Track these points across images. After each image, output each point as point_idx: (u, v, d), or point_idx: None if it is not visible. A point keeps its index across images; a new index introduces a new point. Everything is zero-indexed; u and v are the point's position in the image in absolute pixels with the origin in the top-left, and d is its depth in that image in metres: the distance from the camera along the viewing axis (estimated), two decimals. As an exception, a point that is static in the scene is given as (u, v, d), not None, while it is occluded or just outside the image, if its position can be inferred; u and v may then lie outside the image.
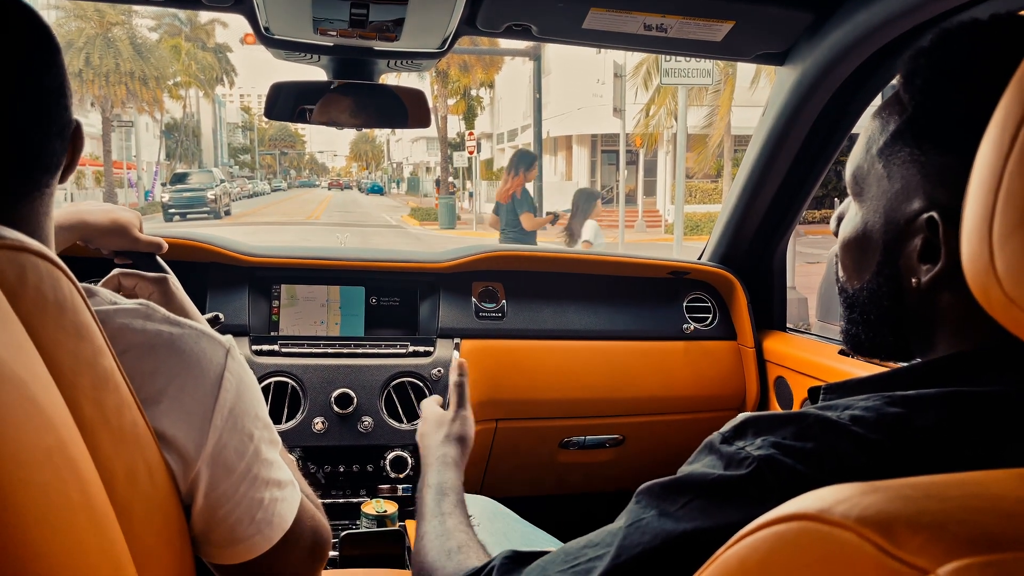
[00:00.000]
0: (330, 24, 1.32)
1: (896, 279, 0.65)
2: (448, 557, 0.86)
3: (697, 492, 0.57)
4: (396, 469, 1.74)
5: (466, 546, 0.89)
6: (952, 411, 0.55)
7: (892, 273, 0.65)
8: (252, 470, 0.75)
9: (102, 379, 0.62)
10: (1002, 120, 0.41)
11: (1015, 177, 0.40)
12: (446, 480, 1.04)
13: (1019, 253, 0.39)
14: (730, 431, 0.60)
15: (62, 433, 0.53)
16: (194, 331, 0.74)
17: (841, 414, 0.56)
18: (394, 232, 21.06)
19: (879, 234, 0.66)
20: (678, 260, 2.10)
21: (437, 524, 0.93)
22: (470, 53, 24.68)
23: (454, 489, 1.03)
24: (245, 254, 1.81)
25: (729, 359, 2.01)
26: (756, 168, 1.77)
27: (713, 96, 18.25)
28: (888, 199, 0.65)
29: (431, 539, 0.91)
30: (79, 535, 0.53)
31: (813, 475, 0.53)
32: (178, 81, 38.15)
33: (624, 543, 0.59)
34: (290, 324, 1.84)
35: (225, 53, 41.32)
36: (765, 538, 0.41)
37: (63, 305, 0.59)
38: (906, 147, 0.63)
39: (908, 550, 0.34)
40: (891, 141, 0.65)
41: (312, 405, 1.73)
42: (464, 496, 1.04)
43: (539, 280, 1.99)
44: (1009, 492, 0.38)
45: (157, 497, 0.67)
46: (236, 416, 0.74)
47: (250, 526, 0.76)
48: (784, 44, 1.49)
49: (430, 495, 1.01)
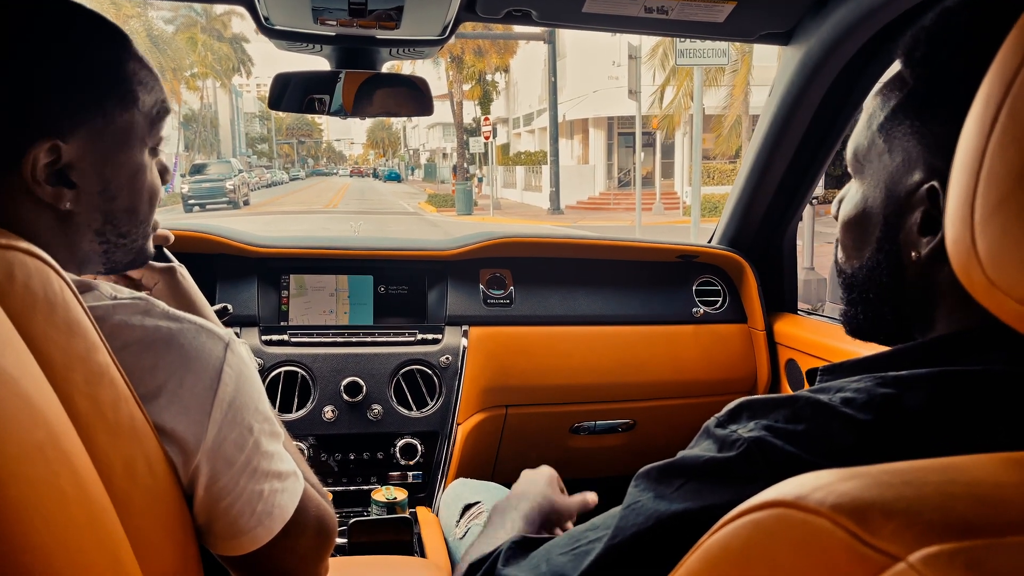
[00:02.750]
0: (330, 14, 1.32)
1: (896, 254, 0.64)
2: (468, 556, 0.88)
3: (690, 474, 0.58)
4: (406, 456, 1.76)
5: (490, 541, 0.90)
6: (942, 391, 0.55)
7: (892, 248, 0.65)
8: (252, 463, 0.76)
9: (96, 374, 0.62)
10: (983, 101, 0.40)
11: (995, 159, 0.39)
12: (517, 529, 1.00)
13: (999, 235, 0.39)
14: (725, 415, 0.61)
15: (54, 427, 0.54)
16: (193, 326, 0.74)
17: (832, 396, 0.56)
18: (412, 219, 21.08)
19: (879, 208, 0.65)
20: (687, 244, 2.08)
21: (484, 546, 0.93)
22: (484, 38, 24.59)
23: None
24: (253, 245, 1.82)
25: (740, 342, 2.00)
26: (763, 150, 1.76)
27: (732, 76, 18.05)
28: (889, 173, 0.64)
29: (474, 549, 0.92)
30: (74, 527, 0.54)
31: (803, 456, 0.54)
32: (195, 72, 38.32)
33: (620, 524, 0.60)
34: (299, 314, 1.85)
35: (241, 43, 41.45)
36: (745, 525, 0.42)
37: (53, 302, 0.59)
38: (907, 120, 0.63)
39: (880, 537, 0.34)
40: (892, 116, 0.64)
41: (322, 394, 1.75)
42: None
43: (547, 266, 1.99)
44: (987, 477, 0.38)
45: (157, 489, 0.68)
46: (235, 410, 0.74)
47: (251, 518, 0.77)
48: (788, 23, 1.47)
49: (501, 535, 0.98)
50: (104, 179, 0.76)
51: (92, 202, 0.76)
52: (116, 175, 0.77)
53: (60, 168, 0.72)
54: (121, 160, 0.77)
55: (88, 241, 0.78)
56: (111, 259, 0.81)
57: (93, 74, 0.73)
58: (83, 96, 0.73)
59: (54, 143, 0.71)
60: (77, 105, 0.72)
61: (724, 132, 18.70)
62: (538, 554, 0.68)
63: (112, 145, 0.76)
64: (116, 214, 0.79)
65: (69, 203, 0.73)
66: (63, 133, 0.72)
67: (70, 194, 0.73)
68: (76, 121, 0.72)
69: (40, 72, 0.70)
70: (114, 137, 0.76)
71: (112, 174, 0.77)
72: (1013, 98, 0.38)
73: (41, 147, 0.70)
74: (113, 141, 0.76)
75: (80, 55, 0.73)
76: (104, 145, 0.75)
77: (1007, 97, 0.39)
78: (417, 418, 1.78)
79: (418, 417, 1.78)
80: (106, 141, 0.75)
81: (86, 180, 0.75)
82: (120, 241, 0.81)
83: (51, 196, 0.72)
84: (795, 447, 0.54)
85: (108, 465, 0.62)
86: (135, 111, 0.77)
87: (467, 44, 26.14)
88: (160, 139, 0.83)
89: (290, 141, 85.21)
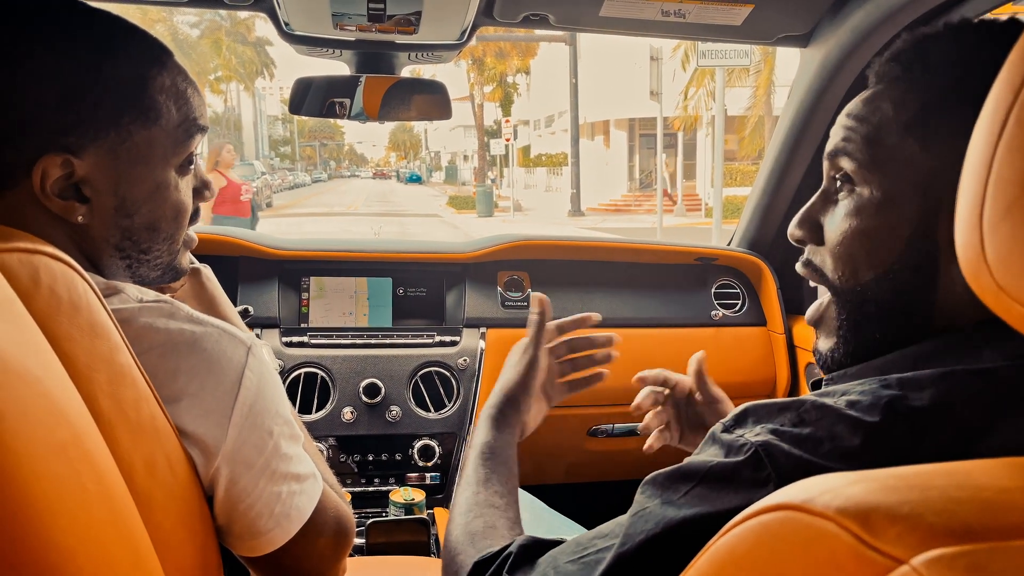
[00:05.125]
0: (348, 19, 1.34)
1: (933, 254, 0.62)
2: (471, 541, 0.84)
3: (698, 479, 0.58)
4: (424, 458, 1.77)
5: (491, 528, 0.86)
6: (946, 389, 0.55)
7: (929, 248, 0.63)
8: (271, 466, 0.77)
9: (119, 375, 0.64)
10: (992, 107, 0.40)
11: (1004, 165, 0.39)
12: (486, 441, 0.96)
13: (1007, 241, 0.39)
14: (730, 420, 0.61)
15: (77, 427, 0.55)
16: (216, 330, 0.75)
17: (838, 399, 0.56)
18: (433, 221, 21.16)
19: (915, 202, 0.63)
20: (706, 246, 2.08)
21: (470, 496, 0.89)
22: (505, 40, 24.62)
23: (493, 451, 0.95)
24: (274, 247, 1.85)
25: (759, 345, 1.99)
26: (783, 152, 1.75)
27: (755, 77, 17.94)
28: (926, 170, 0.62)
29: (460, 512, 0.88)
30: (97, 525, 0.55)
31: (810, 458, 0.54)
32: (219, 76, 38.75)
33: (629, 532, 0.60)
34: (319, 316, 1.87)
35: (264, 47, 41.81)
36: (752, 528, 0.42)
37: (77, 304, 0.61)
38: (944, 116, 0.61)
39: (884, 540, 0.34)
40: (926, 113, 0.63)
41: (341, 395, 1.76)
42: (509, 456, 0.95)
43: (564, 268, 2.00)
44: (992, 482, 0.38)
45: (178, 488, 0.70)
46: (256, 414, 0.75)
47: (269, 520, 0.78)
48: (806, 26, 1.47)
49: (470, 458, 0.95)
50: (119, 196, 0.76)
51: (108, 217, 0.76)
52: (133, 192, 0.76)
53: (75, 182, 0.72)
54: (139, 177, 0.76)
55: (108, 256, 0.78)
56: (136, 273, 0.81)
57: (112, 91, 0.73)
58: (99, 112, 0.72)
59: (66, 158, 0.71)
60: (92, 121, 0.72)
61: (747, 133, 18.59)
62: (544, 561, 0.68)
63: (128, 162, 0.75)
64: (135, 231, 0.78)
65: (82, 217, 0.73)
66: (76, 148, 0.71)
67: (83, 208, 0.73)
68: (90, 137, 0.72)
69: (55, 86, 0.70)
70: (130, 154, 0.75)
71: (128, 191, 0.76)
72: (1021, 104, 0.38)
73: (52, 161, 0.70)
74: (129, 158, 0.75)
75: (99, 70, 0.72)
76: (120, 162, 0.75)
77: (1015, 103, 0.39)
78: (435, 419, 1.79)
79: (436, 419, 1.79)
80: (121, 158, 0.75)
81: (101, 196, 0.74)
82: (142, 257, 0.80)
83: (61, 209, 0.72)
84: (801, 450, 0.54)
85: (130, 464, 0.63)
86: (156, 128, 0.76)
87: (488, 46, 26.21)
88: (190, 155, 0.81)
89: (312, 144, 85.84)
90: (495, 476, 0.92)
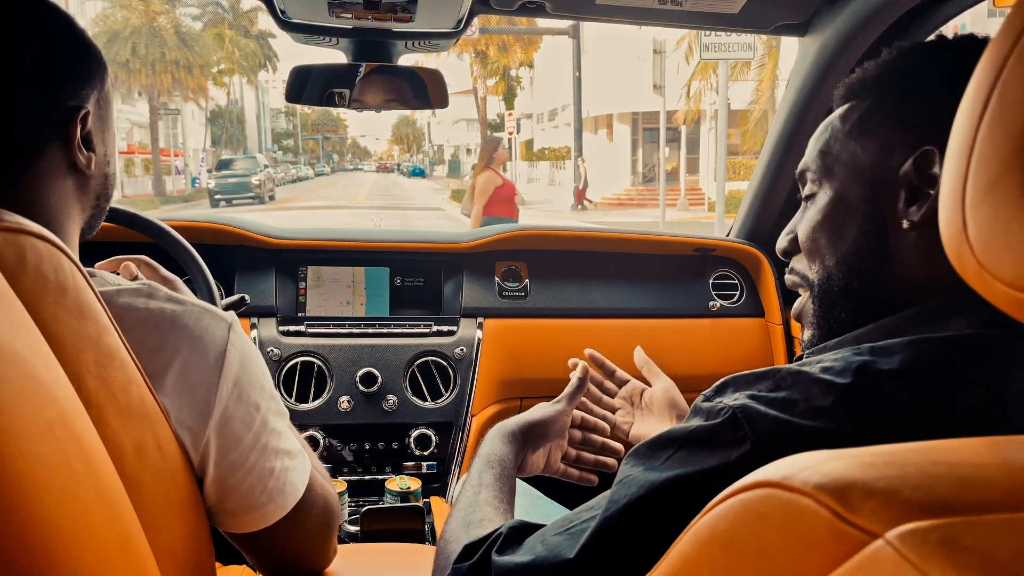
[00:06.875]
0: (344, 7, 1.33)
1: (883, 234, 0.68)
2: (466, 530, 0.86)
3: (679, 444, 0.62)
4: (420, 447, 1.77)
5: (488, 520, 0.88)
6: (913, 354, 0.59)
7: (878, 229, 0.68)
8: (261, 440, 0.78)
9: (107, 356, 0.64)
10: (974, 86, 0.41)
11: (985, 144, 0.39)
12: (495, 452, 0.99)
13: (989, 219, 0.39)
14: (711, 391, 0.65)
15: (65, 407, 0.55)
16: (196, 308, 0.76)
17: (813, 367, 0.60)
18: (436, 214, 21.15)
19: (859, 193, 0.70)
20: (704, 237, 2.08)
21: (471, 495, 0.93)
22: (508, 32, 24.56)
23: (501, 462, 0.98)
24: (271, 236, 1.85)
25: (756, 336, 1.99)
26: (780, 143, 1.75)
27: (759, 71, 17.89)
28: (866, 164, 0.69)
29: (459, 509, 0.91)
30: (84, 505, 0.55)
31: (786, 417, 0.57)
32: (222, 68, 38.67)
33: (613, 498, 0.62)
34: (316, 305, 1.87)
35: (267, 39, 41.75)
36: (733, 505, 0.43)
37: (64, 285, 0.61)
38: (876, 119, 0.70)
39: (860, 515, 0.35)
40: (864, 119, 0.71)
41: (338, 384, 1.77)
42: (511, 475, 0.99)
43: (562, 258, 2.00)
44: (969, 459, 0.39)
45: (167, 470, 0.70)
46: (241, 388, 0.76)
47: (263, 494, 0.79)
48: (803, 14, 1.46)
49: (476, 465, 0.98)
50: (105, 144, 0.81)
51: (100, 167, 0.80)
52: (109, 140, 0.82)
53: (85, 134, 0.76)
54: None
55: (90, 206, 0.81)
56: (92, 226, 0.84)
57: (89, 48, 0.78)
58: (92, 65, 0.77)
59: (86, 110, 0.75)
60: (88, 73, 0.77)
61: (750, 127, 18.54)
62: (533, 538, 0.69)
63: (107, 112, 0.81)
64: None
65: (93, 167, 0.78)
66: (87, 99, 0.76)
67: (91, 157, 0.78)
68: (90, 88, 0.77)
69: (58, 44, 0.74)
70: (107, 105, 0.81)
71: (108, 140, 0.81)
72: (1003, 84, 0.38)
73: (80, 114, 0.74)
74: (107, 109, 0.81)
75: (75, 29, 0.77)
76: (104, 112, 0.80)
77: (997, 82, 0.39)
78: (432, 409, 1.79)
79: (433, 408, 1.79)
80: (103, 108, 0.80)
81: (97, 146, 0.79)
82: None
83: (85, 161, 0.76)
84: (777, 411, 0.58)
85: (119, 446, 0.63)
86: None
87: (491, 39, 26.15)
88: None
89: (315, 137, 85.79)
90: (498, 484, 0.96)
